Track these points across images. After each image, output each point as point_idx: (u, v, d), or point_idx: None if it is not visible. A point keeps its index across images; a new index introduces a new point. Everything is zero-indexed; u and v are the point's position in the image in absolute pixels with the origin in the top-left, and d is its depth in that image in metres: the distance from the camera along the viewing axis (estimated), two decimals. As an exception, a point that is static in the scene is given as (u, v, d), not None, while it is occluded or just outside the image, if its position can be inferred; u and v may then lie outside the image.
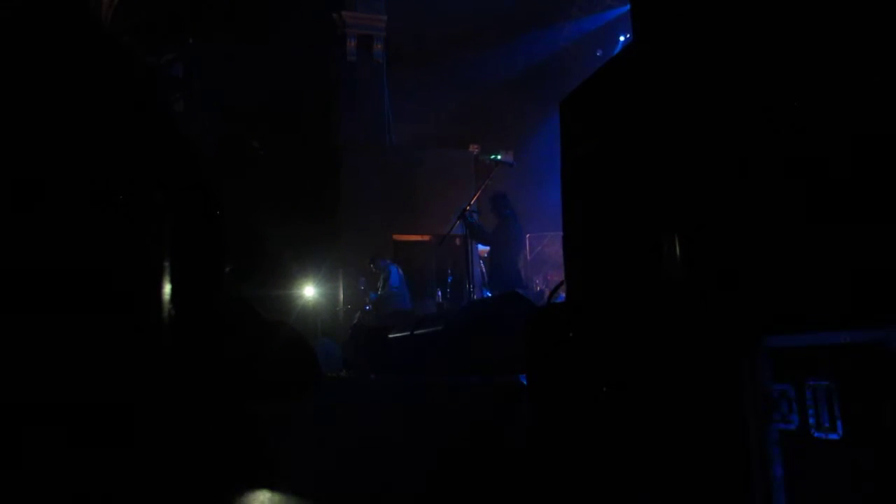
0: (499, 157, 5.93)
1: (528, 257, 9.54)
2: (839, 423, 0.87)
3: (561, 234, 1.61)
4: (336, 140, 9.83)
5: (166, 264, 0.93)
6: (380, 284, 7.81)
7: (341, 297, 9.33)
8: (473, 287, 5.70)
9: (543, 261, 9.55)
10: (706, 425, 1.05)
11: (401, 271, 7.88)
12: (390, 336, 4.39)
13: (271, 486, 1.30)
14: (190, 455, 1.01)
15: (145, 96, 1.01)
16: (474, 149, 9.89)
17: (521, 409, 1.96)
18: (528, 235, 9.05)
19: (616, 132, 1.42)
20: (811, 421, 0.90)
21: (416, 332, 3.92)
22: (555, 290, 1.92)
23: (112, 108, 0.94)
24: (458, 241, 8.10)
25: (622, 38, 10.36)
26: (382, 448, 2.90)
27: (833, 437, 0.87)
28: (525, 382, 1.96)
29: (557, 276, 8.89)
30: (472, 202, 5.72)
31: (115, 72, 0.96)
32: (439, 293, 8.49)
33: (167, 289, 0.92)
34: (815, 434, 0.89)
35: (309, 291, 8.53)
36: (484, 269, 6.93)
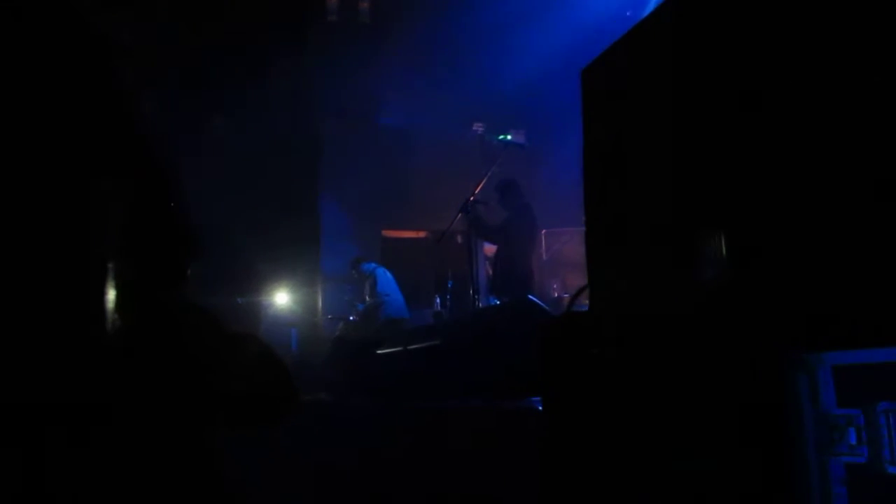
0: (508, 137, 5.93)
1: (544, 257, 9.53)
2: (918, 457, 0.86)
3: (583, 229, 1.61)
4: (314, 117, 9.82)
5: (111, 265, 0.92)
6: (366, 292, 7.81)
7: (320, 304, 9.33)
8: (478, 293, 5.70)
9: (562, 261, 9.53)
10: (758, 459, 1.04)
11: (389, 274, 7.89)
12: (379, 352, 4.39)
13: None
14: (137, 492, 1.01)
15: (91, 66, 1.00)
16: (479, 127, 9.88)
17: (534, 439, 1.96)
18: (543, 231, 9.04)
19: (648, 107, 1.41)
20: (885, 453, 0.90)
21: (409, 348, 3.92)
22: (575, 297, 1.92)
23: (52, 78, 0.93)
24: (459, 239, 8.10)
25: (656, -4, 10.34)
26: (366, 486, 2.90)
27: (910, 472, 0.87)
28: (540, 408, 1.96)
29: (578, 279, 8.88)
30: (476, 191, 5.72)
31: (56, 35, 0.96)
32: (437, 301, 8.48)
33: (111, 294, 0.92)
34: (890, 469, 0.89)
35: (282, 298, 8.53)
36: (491, 272, 6.93)
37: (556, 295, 9.08)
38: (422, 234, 10.46)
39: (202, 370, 1.18)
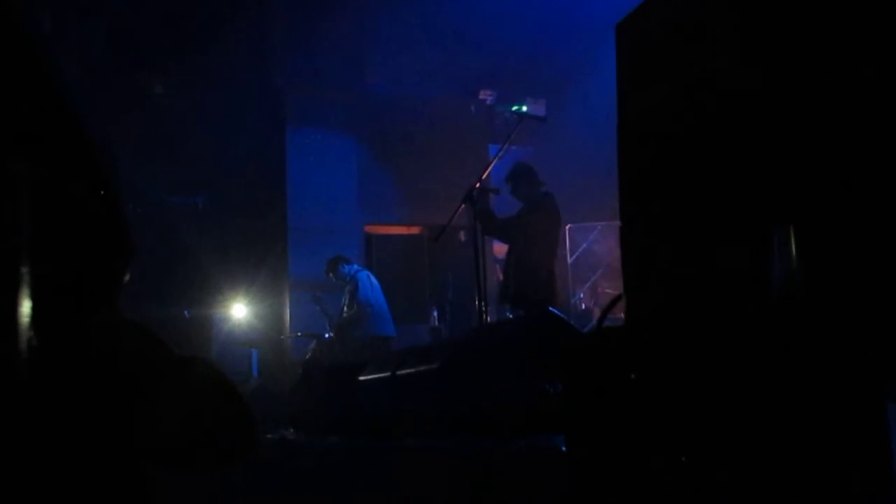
0: (524, 108, 5.92)
1: (569, 259, 9.56)
2: None
3: (618, 224, 1.61)
4: (280, 81, 9.82)
5: (24, 269, 0.93)
6: (344, 301, 7.82)
7: (288, 318, 9.34)
8: (486, 304, 5.70)
9: (591, 264, 9.58)
10: (841, 501, 1.04)
11: (374, 280, 7.90)
12: (361, 378, 4.40)
13: None
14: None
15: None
16: (487, 96, 9.89)
17: (557, 487, 1.96)
18: (567, 226, 9.08)
19: (700, 70, 1.41)
20: None
21: (399, 373, 3.92)
22: (608, 308, 1.92)
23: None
24: (462, 236, 8.12)
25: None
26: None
27: None
28: (563, 448, 1.96)
29: (612, 286, 8.91)
30: (483, 177, 5.72)
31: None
32: (435, 313, 8.49)
33: (26, 306, 0.92)
34: None
35: (240, 311, 8.54)
36: (502, 277, 6.94)
37: (583, 306, 9.11)
38: (415, 231, 10.48)
39: (137, 402, 1.18)
